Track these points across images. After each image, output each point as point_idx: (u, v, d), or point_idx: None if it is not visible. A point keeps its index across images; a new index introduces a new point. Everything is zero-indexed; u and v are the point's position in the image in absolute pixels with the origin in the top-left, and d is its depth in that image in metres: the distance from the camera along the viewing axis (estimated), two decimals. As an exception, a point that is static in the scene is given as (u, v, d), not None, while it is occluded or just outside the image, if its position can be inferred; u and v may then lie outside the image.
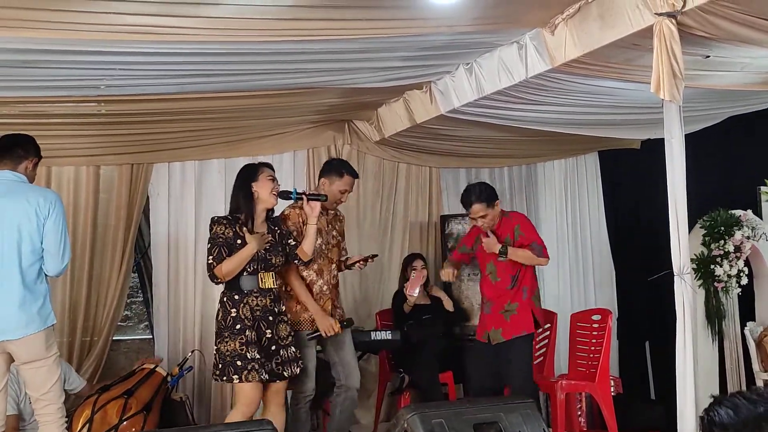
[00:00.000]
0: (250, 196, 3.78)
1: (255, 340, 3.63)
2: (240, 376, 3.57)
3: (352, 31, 3.51)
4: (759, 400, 1.28)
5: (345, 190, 4.21)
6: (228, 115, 4.81)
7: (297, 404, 4.11)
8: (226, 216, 3.81)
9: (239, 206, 3.79)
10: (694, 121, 5.12)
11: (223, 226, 3.72)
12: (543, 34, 3.73)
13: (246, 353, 3.58)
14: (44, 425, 3.38)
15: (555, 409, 4.63)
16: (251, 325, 3.64)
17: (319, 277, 4.16)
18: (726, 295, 5.39)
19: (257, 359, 3.59)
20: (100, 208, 5.08)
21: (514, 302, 4.13)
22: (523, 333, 4.10)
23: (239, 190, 3.82)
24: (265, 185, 3.79)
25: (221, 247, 3.67)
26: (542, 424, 3.21)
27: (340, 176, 4.21)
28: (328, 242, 4.21)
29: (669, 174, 3.27)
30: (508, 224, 4.25)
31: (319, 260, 4.15)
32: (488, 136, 5.52)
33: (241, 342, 3.60)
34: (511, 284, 4.12)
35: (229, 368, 3.59)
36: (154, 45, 3.39)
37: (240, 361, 3.58)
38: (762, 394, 1.30)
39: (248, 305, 3.67)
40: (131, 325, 5.57)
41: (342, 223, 4.41)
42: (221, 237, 3.69)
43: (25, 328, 3.29)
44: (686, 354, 3.24)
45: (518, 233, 4.18)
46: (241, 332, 3.61)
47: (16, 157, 3.49)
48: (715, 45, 3.54)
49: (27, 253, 3.34)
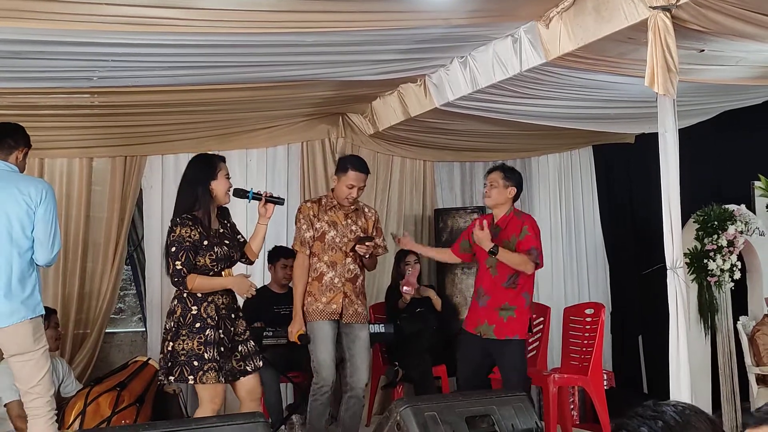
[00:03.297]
0: (208, 194, 3.60)
1: (216, 340, 3.48)
2: (195, 376, 3.42)
3: (346, 24, 3.50)
4: (656, 416, 1.29)
5: (351, 185, 4.18)
6: (222, 108, 4.79)
7: (313, 395, 4.08)
8: (187, 216, 3.55)
9: (195, 204, 3.58)
10: (688, 116, 5.13)
11: (188, 228, 3.50)
12: (538, 27, 3.72)
13: (204, 353, 3.43)
14: (33, 419, 3.36)
15: (548, 403, 4.63)
16: (214, 325, 3.49)
17: (330, 269, 4.16)
18: (719, 290, 5.41)
19: (216, 359, 3.45)
20: (93, 201, 5.07)
21: (513, 304, 4.04)
22: (516, 337, 4.04)
23: (196, 185, 3.60)
24: (223, 183, 3.64)
25: (188, 252, 3.47)
26: (535, 417, 3.22)
27: (345, 172, 4.20)
28: (344, 235, 4.20)
29: (663, 168, 3.28)
30: (516, 223, 4.13)
31: (330, 252, 4.15)
32: (482, 129, 5.52)
33: (200, 341, 3.44)
34: (507, 282, 4.07)
35: (185, 368, 3.42)
36: (147, 36, 3.37)
37: (197, 361, 3.42)
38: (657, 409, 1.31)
39: (213, 304, 3.53)
40: (124, 318, 5.56)
41: (369, 221, 4.33)
42: (188, 241, 3.48)
43: (9, 317, 3.27)
44: (679, 348, 3.24)
45: (524, 233, 4.08)
46: (200, 331, 3.46)
47: (7, 147, 3.47)
48: (710, 39, 3.54)
49: (17, 242, 3.33)
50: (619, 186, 6.68)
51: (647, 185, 5.33)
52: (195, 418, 3.44)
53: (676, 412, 1.28)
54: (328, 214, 4.22)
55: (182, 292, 3.54)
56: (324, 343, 4.07)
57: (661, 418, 1.27)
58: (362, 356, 4.18)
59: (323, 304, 4.12)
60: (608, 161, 6.65)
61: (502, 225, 4.16)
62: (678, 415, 1.27)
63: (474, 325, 4.14)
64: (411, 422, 2.95)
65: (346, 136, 5.79)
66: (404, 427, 2.96)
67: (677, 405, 1.30)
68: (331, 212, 4.23)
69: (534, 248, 4.03)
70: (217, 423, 2.77)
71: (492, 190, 4.15)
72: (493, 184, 4.15)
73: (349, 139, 5.80)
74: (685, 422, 1.26)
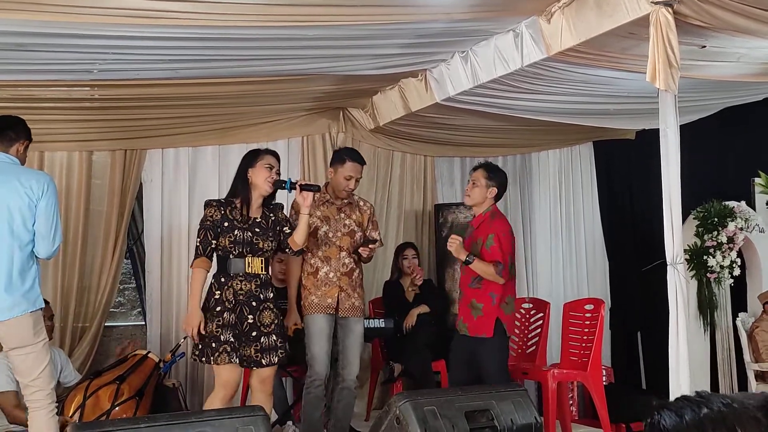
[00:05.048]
0: (246, 181, 3.78)
1: (232, 323, 3.61)
2: (210, 358, 3.56)
3: (348, 18, 3.50)
4: (702, 402, 1.28)
5: (350, 177, 4.17)
6: (222, 102, 4.79)
7: (306, 389, 4.09)
8: (218, 199, 3.83)
9: (236, 191, 3.81)
10: (689, 112, 5.12)
11: (213, 209, 3.72)
12: (539, 22, 3.72)
13: (220, 335, 3.57)
14: (34, 411, 3.36)
15: (547, 398, 4.64)
16: (231, 308, 3.62)
17: (324, 264, 4.15)
18: (718, 286, 5.42)
19: (230, 342, 3.57)
20: (92, 194, 5.05)
21: (479, 302, 4.01)
22: (483, 335, 4.02)
23: (238, 174, 3.84)
24: (261, 172, 3.77)
25: (207, 231, 3.68)
26: (534, 412, 3.22)
27: (342, 163, 4.18)
28: (337, 230, 4.19)
29: (663, 164, 3.28)
30: (487, 227, 4.07)
31: (324, 247, 4.15)
32: (483, 125, 5.52)
33: (218, 324, 3.59)
34: (472, 283, 4.06)
35: (207, 350, 3.59)
36: (148, 29, 3.36)
37: (214, 343, 3.57)
38: (705, 396, 1.30)
39: (232, 288, 3.65)
40: (124, 312, 5.56)
41: (364, 214, 4.31)
42: (209, 220, 3.70)
43: (10, 311, 3.27)
44: (679, 344, 3.24)
45: (489, 243, 3.99)
46: (219, 314, 3.60)
47: (8, 140, 3.46)
48: (711, 35, 3.53)
49: (18, 235, 3.32)
50: (620, 182, 6.68)
51: (647, 181, 5.34)
52: (195, 411, 3.46)
53: (724, 404, 1.27)
54: (321, 209, 4.19)
55: (213, 277, 3.72)
56: (318, 337, 4.07)
57: (707, 406, 1.27)
58: (355, 350, 4.18)
59: (318, 298, 4.11)
60: (609, 157, 6.65)
61: (475, 225, 4.14)
62: (725, 407, 1.27)
63: (458, 321, 4.19)
64: (410, 417, 2.95)
65: (347, 130, 5.78)
66: (404, 421, 2.96)
67: (725, 397, 1.30)
68: (324, 207, 4.20)
69: (498, 263, 3.95)
70: (216, 416, 2.76)
71: (473, 189, 4.11)
72: (476, 183, 4.11)
73: (350, 133, 5.79)
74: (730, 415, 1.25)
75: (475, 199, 4.13)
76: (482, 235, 4.05)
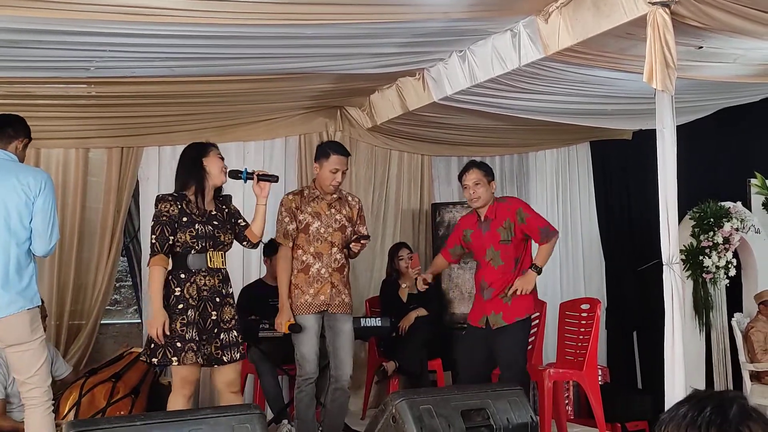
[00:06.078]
0: (201, 171, 3.65)
1: (196, 320, 3.49)
2: (179, 357, 3.42)
3: (345, 16, 3.49)
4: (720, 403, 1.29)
5: (335, 170, 4.14)
6: (219, 100, 4.78)
7: (298, 388, 4.09)
8: (172, 193, 3.65)
9: (188, 182, 3.65)
10: (686, 113, 5.13)
11: (168, 204, 3.57)
12: (537, 22, 3.72)
13: (185, 334, 3.44)
14: (30, 408, 3.36)
15: (542, 397, 4.65)
16: (195, 305, 3.51)
17: (316, 261, 4.12)
18: (714, 287, 5.43)
19: (195, 341, 3.46)
20: (89, 192, 5.05)
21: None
22: (526, 315, 4.11)
23: (190, 166, 3.68)
24: (216, 161, 3.68)
25: (164, 226, 3.53)
26: (530, 411, 3.22)
27: (327, 157, 4.14)
28: (328, 226, 4.15)
29: (660, 164, 3.28)
30: (504, 209, 4.16)
31: (316, 243, 4.13)
32: (480, 124, 5.52)
33: (182, 323, 3.45)
34: (515, 267, 4.13)
35: (168, 349, 3.43)
36: (145, 26, 3.35)
37: (180, 342, 3.43)
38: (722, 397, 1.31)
39: (195, 284, 3.53)
40: (120, 310, 5.56)
41: (353, 209, 4.29)
42: (165, 215, 3.54)
43: (6, 308, 3.27)
44: (674, 344, 3.25)
45: (523, 216, 4.12)
46: (183, 312, 3.47)
47: (7, 137, 3.46)
48: (709, 36, 3.54)
49: (15, 233, 3.32)
50: (616, 182, 6.69)
51: (644, 181, 5.34)
52: (190, 410, 3.43)
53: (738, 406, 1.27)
54: (311, 206, 4.15)
55: (169, 274, 3.56)
56: (307, 337, 4.07)
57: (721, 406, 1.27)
58: (346, 349, 4.16)
59: (311, 296, 4.08)
60: (605, 157, 6.66)
61: (491, 216, 4.19)
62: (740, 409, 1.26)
63: (479, 317, 4.17)
64: (406, 415, 2.95)
65: (344, 129, 5.78)
66: (400, 420, 2.97)
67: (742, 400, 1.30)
68: (314, 203, 4.16)
69: (541, 227, 4.12)
70: (212, 414, 2.76)
71: (479, 190, 4.16)
72: (479, 183, 4.16)
73: (347, 132, 5.79)
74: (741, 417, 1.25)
75: (485, 199, 4.19)
76: (506, 218, 4.15)
